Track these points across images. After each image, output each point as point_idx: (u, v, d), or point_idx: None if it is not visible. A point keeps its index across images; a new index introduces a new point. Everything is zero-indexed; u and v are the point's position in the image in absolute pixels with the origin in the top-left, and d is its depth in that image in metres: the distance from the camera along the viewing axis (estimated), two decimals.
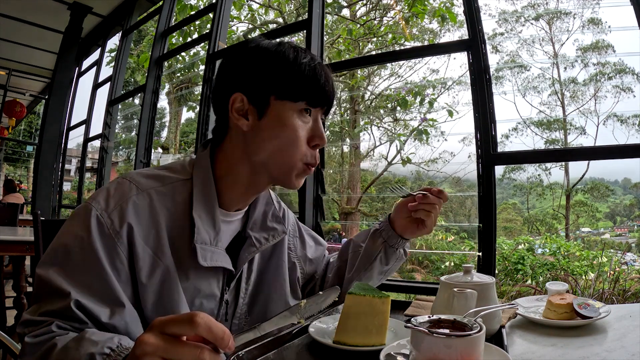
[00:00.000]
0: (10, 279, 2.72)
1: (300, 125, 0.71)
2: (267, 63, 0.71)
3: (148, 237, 0.65)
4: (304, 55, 0.72)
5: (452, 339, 0.47)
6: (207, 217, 0.70)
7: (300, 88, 0.70)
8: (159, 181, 0.70)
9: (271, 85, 0.70)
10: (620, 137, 8.53)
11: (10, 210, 3.54)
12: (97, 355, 0.50)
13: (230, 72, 0.73)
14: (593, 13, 8.70)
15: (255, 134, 0.71)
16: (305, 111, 0.71)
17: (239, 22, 6.78)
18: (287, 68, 0.70)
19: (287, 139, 0.70)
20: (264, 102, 0.70)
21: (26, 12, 4.90)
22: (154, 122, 3.63)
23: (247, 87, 0.71)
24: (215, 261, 0.69)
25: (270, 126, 0.70)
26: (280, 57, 0.71)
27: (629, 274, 3.68)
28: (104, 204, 0.64)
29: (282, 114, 0.70)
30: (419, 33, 8.28)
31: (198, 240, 0.67)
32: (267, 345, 0.64)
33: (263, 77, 0.70)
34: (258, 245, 0.78)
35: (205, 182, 0.72)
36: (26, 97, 7.75)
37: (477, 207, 1.76)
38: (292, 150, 0.70)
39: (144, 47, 6.84)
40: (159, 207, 0.67)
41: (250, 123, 0.71)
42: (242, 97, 0.71)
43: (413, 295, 2.77)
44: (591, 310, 0.77)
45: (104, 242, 0.62)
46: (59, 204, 5.30)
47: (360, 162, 9.13)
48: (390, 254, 0.89)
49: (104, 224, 0.62)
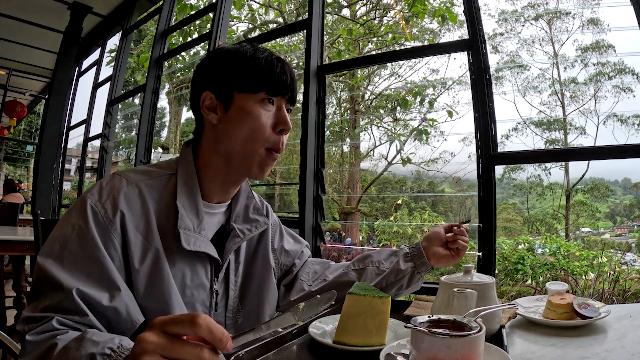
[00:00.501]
0: (10, 278, 2.72)
1: (263, 113, 0.76)
2: (228, 62, 0.78)
3: (139, 224, 0.70)
4: (261, 52, 0.79)
5: (452, 339, 0.47)
6: (190, 205, 0.76)
7: (258, 79, 0.76)
8: (147, 175, 0.76)
9: (233, 81, 0.77)
10: (620, 137, 8.54)
11: (10, 210, 3.54)
12: (97, 356, 0.50)
13: (200, 74, 0.81)
14: (592, 13, 8.72)
15: (223, 125, 0.77)
16: (267, 100, 0.77)
17: (239, 22, 6.79)
18: (244, 63, 0.77)
19: (250, 126, 0.75)
20: (228, 96, 0.77)
21: (26, 12, 4.90)
22: (154, 121, 3.63)
23: (213, 85, 0.78)
24: (198, 246, 0.73)
25: (235, 117, 0.76)
26: (238, 55, 0.78)
27: (629, 274, 3.68)
28: (98, 195, 0.70)
29: (245, 104, 0.76)
30: (419, 33, 8.28)
31: (181, 225, 0.72)
32: (267, 345, 0.64)
33: (225, 74, 0.78)
34: (242, 235, 0.83)
35: (187, 174, 0.78)
36: (26, 97, 7.75)
37: (477, 207, 1.76)
38: (255, 135, 0.76)
39: (144, 47, 6.84)
40: (147, 197, 0.73)
41: (218, 116, 0.77)
42: (210, 95, 0.78)
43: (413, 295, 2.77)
44: (591, 310, 0.77)
45: (99, 230, 0.66)
46: (59, 203, 5.30)
47: (360, 162, 9.13)
48: (415, 280, 0.92)
49: (98, 213, 0.67)
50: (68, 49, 5.12)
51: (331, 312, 0.79)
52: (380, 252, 0.97)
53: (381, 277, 0.92)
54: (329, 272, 0.96)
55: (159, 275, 0.69)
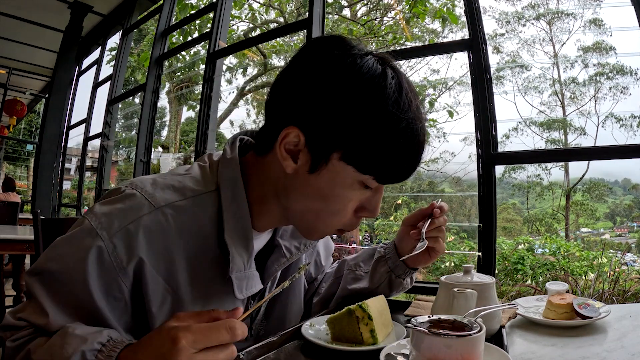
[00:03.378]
0: (10, 277, 2.72)
1: (355, 197, 0.57)
2: (350, 109, 0.52)
3: (160, 266, 0.55)
4: (414, 123, 0.53)
5: (452, 339, 0.47)
6: (240, 239, 0.59)
7: (377, 162, 0.53)
8: (177, 193, 0.58)
9: (342, 141, 0.53)
10: (620, 138, 8.55)
11: (10, 209, 3.54)
12: (87, 353, 0.46)
13: (298, 87, 0.55)
14: (594, 14, 8.72)
15: (296, 181, 0.57)
16: (368, 186, 0.57)
17: (240, 21, 6.79)
18: (371, 130, 0.51)
19: (330, 209, 0.57)
20: (323, 155, 0.54)
21: (27, 11, 4.90)
22: (154, 121, 3.64)
23: (310, 125, 0.54)
24: (251, 289, 0.61)
25: (317, 186, 0.56)
26: (369, 110, 0.51)
27: (628, 274, 3.68)
28: (107, 223, 0.53)
29: (338, 179, 0.55)
30: (420, 33, 8.29)
31: (233, 270, 0.58)
32: (267, 346, 0.64)
33: (335, 123, 0.52)
34: (288, 255, 0.69)
35: (236, 198, 0.59)
36: (26, 96, 7.75)
37: (477, 207, 1.76)
38: (330, 219, 0.59)
39: (144, 46, 6.84)
40: (176, 227, 0.56)
41: (296, 167, 0.56)
42: (300, 135, 0.54)
43: (413, 295, 2.77)
44: (591, 310, 0.77)
45: (102, 274, 0.53)
46: (58, 202, 5.31)
47: None
48: (396, 284, 0.82)
49: (104, 251, 0.52)
50: (68, 48, 5.12)
51: (327, 312, 0.79)
52: (359, 255, 0.88)
53: (361, 281, 0.83)
54: (324, 281, 0.91)
55: None
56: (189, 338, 0.42)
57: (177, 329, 0.43)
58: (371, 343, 0.65)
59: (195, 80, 7.68)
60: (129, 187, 0.58)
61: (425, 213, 0.75)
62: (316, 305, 0.88)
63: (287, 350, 0.65)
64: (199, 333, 0.42)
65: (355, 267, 0.86)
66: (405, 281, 0.84)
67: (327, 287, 0.88)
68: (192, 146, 8.19)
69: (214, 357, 0.43)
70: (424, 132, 0.55)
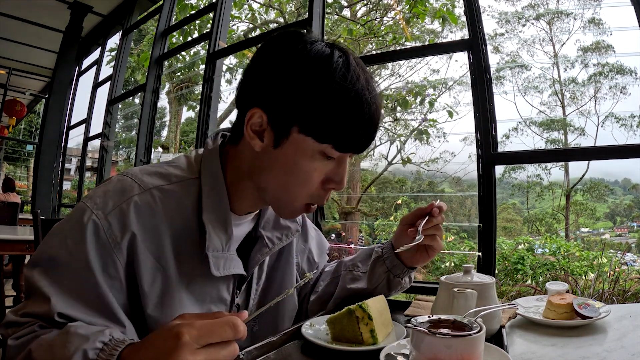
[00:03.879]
0: (10, 278, 2.72)
1: (318, 167, 0.61)
2: (302, 85, 0.58)
3: (150, 242, 0.60)
4: (362, 89, 0.58)
5: (452, 339, 0.47)
6: (219, 221, 0.64)
7: (332, 130, 0.58)
8: (163, 179, 0.63)
9: (300, 115, 0.58)
10: (620, 138, 8.55)
11: (10, 210, 3.55)
12: (89, 351, 0.46)
13: (258, 75, 0.62)
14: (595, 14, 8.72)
15: (265, 159, 0.62)
16: (329, 155, 0.61)
17: (240, 21, 6.79)
18: (329, 99, 0.57)
19: (295, 180, 0.61)
20: (284, 130, 0.60)
21: (26, 11, 4.90)
22: (154, 121, 3.64)
23: (271, 105, 0.60)
24: (228, 269, 0.65)
25: (281, 158, 0.61)
26: (319, 83, 0.57)
27: (628, 274, 3.68)
28: (102, 203, 0.58)
29: (300, 151, 0.60)
30: (420, 33, 8.29)
31: (210, 247, 0.62)
32: (267, 346, 0.64)
33: (293, 100, 0.58)
34: (271, 245, 0.73)
35: (215, 183, 0.65)
36: (26, 96, 7.75)
37: (477, 207, 1.76)
38: (298, 191, 0.62)
39: (144, 47, 6.84)
40: (164, 207, 0.61)
41: (263, 145, 0.62)
42: (262, 115, 0.61)
43: (413, 295, 2.77)
44: (591, 310, 0.77)
45: (99, 251, 0.56)
46: (58, 203, 5.31)
47: (360, 161, 9.13)
48: (394, 284, 0.83)
49: (100, 228, 0.56)
50: (68, 48, 5.12)
51: (327, 313, 0.79)
52: (357, 255, 0.89)
53: (359, 281, 0.83)
54: (321, 280, 0.90)
55: (169, 301, 0.61)
56: (192, 333, 0.42)
57: (180, 325, 0.43)
58: (371, 343, 0.65)
59: (195, 81, 7.69)
60: (119, 175, 0.64)
61: (424, 212, 0.76)
62: (313, 303, 0.88)
63: (287, 350, 0.66)
64: (202, 329, 0.43)
65: (353, 268, 0.86)
66: (404, 280, 0.84)
67: (325, 285, 0.88)
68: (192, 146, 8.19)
69: (217, 353, 0.44)
70: (376, 103, 0.60)
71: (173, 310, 0.61)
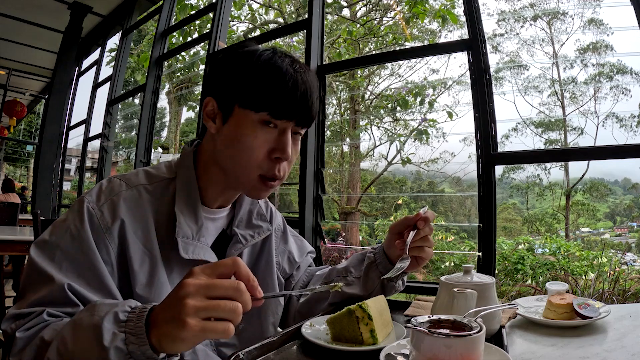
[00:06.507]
0: (10, 278, 2.73)
1: (260, 135, 0.69)
2: (235, 68, 0.71)
3: (138, 231, 0.68)
4: (274, 60, 0.69)
5: (452, 339, 0.47)
6: (189, 211, 0.72)
7: (261, 97, 0.68)
8: (146, 179, 0.74)
9: (235, 92, 0.70)
10: (620, 138, 8.55)
11: (10, 210, 3.55)
12: (120, 313, 0.50)
13: (209, 75, 0.75)
14: (594, 13, 8.72)
15: (220, 138, 0.72)
16: (268, 123, 0.69)
17: (239, 22, 6.79)
18: (250, 73, 0.69)
19: (241, 148, 0.69)
20: (228, 108, 0.71)
21: (26, 12, 4.90)
22: (154, 121, 3.63)
23: (217, 91, 0.72)
24: (197, 254, 0.71)
25: (230, 133, 0.70)
26: (246, 62, 0.70)
27: (628, 274, 3.68)
28: (96, 197, 0.68)
29: (242, 122, 0.69)
30: (420, 34, 8.29)
31: (179, 233, 0.69)
32: (267, 346, 0.64)
33: (229, 83, 0.71)
34: (244, 241, 0.80)
35: (187, 179, 0.75)
36: (26, 97, 7.75)
37: (477, 207, 1.76)
38: (246, 159, 0.70)
39: (144, 47, 6.84)
40: (147, 203, 0.70)
41: (216, 126, 0.72)
42: (213, 101, 0.72)
43: (413, 295, 2.78)
44: (591, 310, 0.77)
45: (94, 234, 0.64)
46: (58, 203, 5.30)
47: (360, 162, 9.13)
48: (388, 288, 0.86)
49: (94, 215, 0.65)
50: (68, 48, 5.12)
51: (326, 313, 0.79)
52: (349, 260, 0.91)
53: (353, 287, 0.86)
54: (311, 283, 0.94)
55: (156, 284, 0.67)
56: (197, 282, 0.47)
57: (189, 274, 0.48)
58: (371, 343, 0.65)
59: (195, 81, 7.69)
60: (108, 178, 0.74)
61: (410, 223, 0.79)
62: (303, 305, 0.90)
63: (287, 350, 0.66)
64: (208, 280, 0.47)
65: (346, 274, 0.89)
66: (398, 284, 0.87)
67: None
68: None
69: (225, 305, 0.46)
70: (302, 76, 0.70)
71: (159, 290, 0.67)
